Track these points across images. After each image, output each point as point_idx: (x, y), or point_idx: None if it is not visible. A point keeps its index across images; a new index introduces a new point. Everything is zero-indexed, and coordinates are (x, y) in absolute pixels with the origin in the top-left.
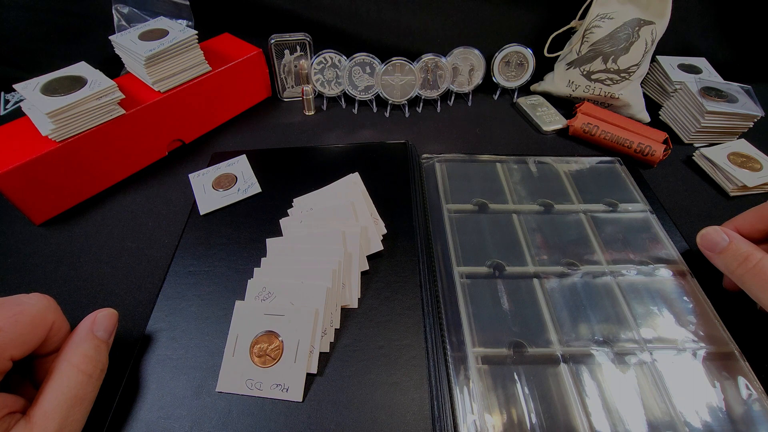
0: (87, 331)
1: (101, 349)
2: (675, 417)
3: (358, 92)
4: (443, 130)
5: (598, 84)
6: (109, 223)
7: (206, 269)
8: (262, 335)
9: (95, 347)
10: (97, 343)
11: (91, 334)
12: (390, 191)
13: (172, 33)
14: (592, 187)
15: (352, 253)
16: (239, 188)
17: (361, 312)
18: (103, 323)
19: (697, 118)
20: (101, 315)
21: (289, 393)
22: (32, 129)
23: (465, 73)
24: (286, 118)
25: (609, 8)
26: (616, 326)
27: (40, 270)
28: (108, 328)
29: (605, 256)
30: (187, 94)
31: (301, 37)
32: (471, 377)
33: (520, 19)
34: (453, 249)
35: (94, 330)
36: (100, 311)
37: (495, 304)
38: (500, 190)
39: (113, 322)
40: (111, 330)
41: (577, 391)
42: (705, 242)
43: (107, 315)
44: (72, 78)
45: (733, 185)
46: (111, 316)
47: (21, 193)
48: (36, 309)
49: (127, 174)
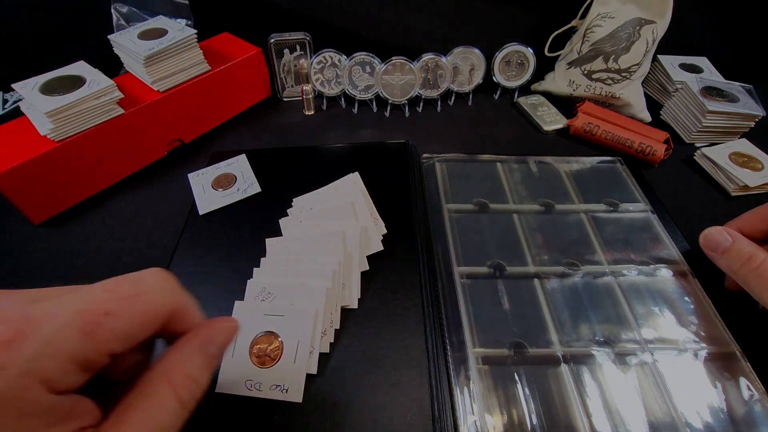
0: (200, 344)
1: (206, 372)
2: (676, 418)
3: (358, 92)
4: (443, 130)
5: (598, 83)
6: (108, 222)
7: (205, 269)
8: (261, 336)
9: (201, 368)
10: (207, 363)
11: (204, 349)
12: (390, 191)
13: (172, 32)
14: (593, 187)
15: (352, 253)
16: (239, 188)
17: (361, 312)
18: (219, 338)
19: (698, 118)
20: (221, 327)
21: (288, 394)
22: (31, 129)
23: (465, 72)
24: (285, 117)
25: (610, 7)
26: (616, 326)
27: (39, 270)
28: (224, 347)
29: (606, 256)
30: (186, 94)
31: (300, 36)
32: (471, 378)
33: (520, 19)
34: (453, 249)
35: (207, 345)
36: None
37: (495, 305)
38: (501, 190)
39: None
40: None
41: (577, 391)
42: (708, 242)
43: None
44: (71, 77)
45: (734, 185)
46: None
47: (20, 192)
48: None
49: (126, 174)
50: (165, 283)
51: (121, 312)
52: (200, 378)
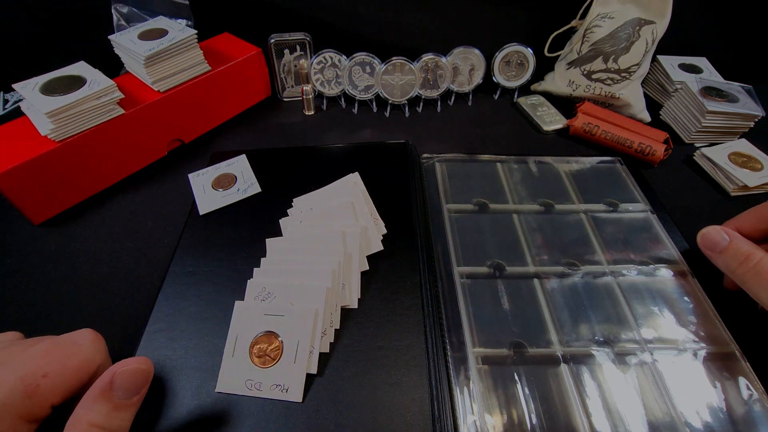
0: (102, 388)
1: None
2: (676, 417)
3: (358, 92)
4: (443, 130)
5: (598, 84)
6: (109, 223)
7: (206, 269)
8: (261, 335)
9: (107, 413)
10: (111, 407)
11: (107, 393)
12: (390, 191)
13: (172, 32)
14: (593, 187)
15: (352, 253)
16: (239, 188)
17: (361, 312)
18: (124, 383)
19: (697, 118)
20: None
21: (288, 393)
22: (31, 129)
23: (465, 72)
24: (286, 117)
25: (609, 8)
26: (616, 326)
27: (39, 270)
28: (129, 389)
29: (606, 256)
30: (186, 94)
31: (301, 36)
32: (471, 377)
33: (520, 19)
34: (453, 249)
35: (113, 389)
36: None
37: (495, 305)
38: (500, 190)
39: (140, 381)
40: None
41: (577, 391)
42: (705, 242)
43: (131, 372)
44: (71, 78)
45: (733, 185)
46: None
47: (20, 192)
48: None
49: (126, 174)
50: (95, 343)
51: (56, 372)
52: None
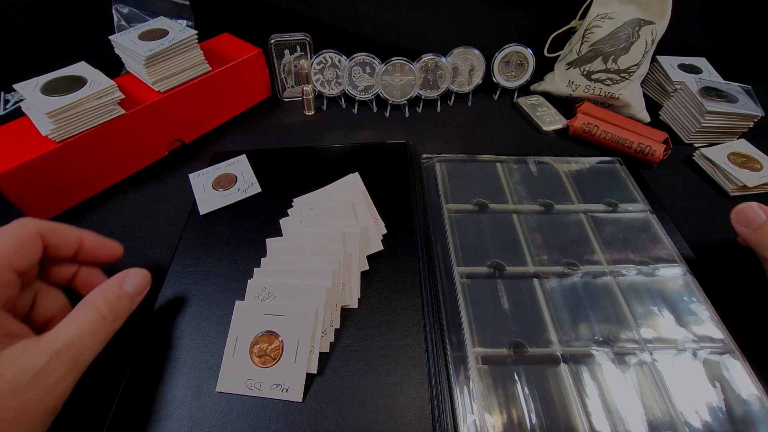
0: (116, 282)
1: (123, 300)
2: (675, 417)
3: (358, 92)
4: (443, 130)
5: (598, 84)
6: (109, 223)
7: (206, 269)
8: (262, 335)
9: (117, 296)
10: (121, 293)
11: (119, 284)
12: (390, 191)
13: (172, 33)
14: (592, 187)
15: (352, 253)
16: (239, 188)
17: (361, 312)
18: (133, 280)
19: (697, 118)
20: (133, 271)
21: (289, 393)
22: (32, 129)
23: (465, 73)
24: (286, 118)
25: (609, 8)
26: (616, 326)
27: None
28: (137, 287)
29: (605, 256)
30: (186, 94)
31: (301, 37)
32: (471, 377)
33: (520, 19)
34: (453, 249)
35: (123, 283)
36: (134, 269)
37: (495, 304)
38: (500, 190)
39: (144, 282)
40: (140, 289)
41: (577, 391)
42: (741, 218)
43: (139, 273)
44: (72, 78)
45: (733, 185)
46: (143, 276)
47: (21, 192)
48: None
49: (126, 174)
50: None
51: None
52: (118, 303)
